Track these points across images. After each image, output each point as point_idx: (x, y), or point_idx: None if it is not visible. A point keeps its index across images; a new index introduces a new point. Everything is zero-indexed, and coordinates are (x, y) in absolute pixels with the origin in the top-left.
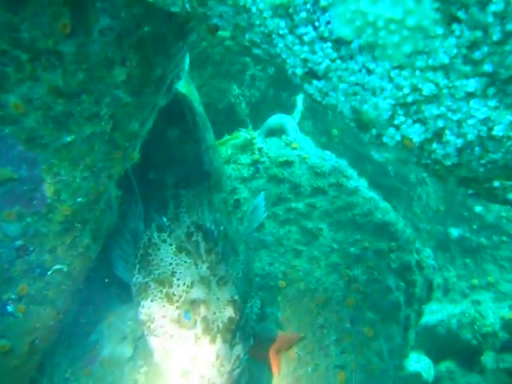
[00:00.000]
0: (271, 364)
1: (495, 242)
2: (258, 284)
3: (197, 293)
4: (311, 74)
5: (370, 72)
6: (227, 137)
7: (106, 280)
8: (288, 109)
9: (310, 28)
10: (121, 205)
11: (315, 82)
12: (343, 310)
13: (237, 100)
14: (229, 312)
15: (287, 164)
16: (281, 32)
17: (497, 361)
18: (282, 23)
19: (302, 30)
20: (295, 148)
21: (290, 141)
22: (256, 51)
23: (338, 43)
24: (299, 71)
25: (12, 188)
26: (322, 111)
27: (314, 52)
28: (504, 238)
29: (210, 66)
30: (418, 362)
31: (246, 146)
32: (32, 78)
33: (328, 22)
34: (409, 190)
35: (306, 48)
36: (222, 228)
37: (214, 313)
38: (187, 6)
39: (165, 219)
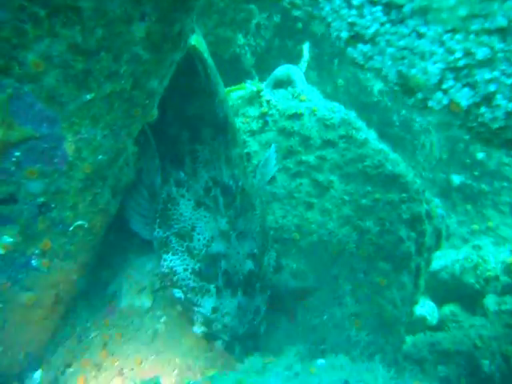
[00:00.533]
0: (288, 313)
1: (496, 188)
2: (273, 236)
3: (217, 247)
4: (357, 38)
5: (420, 36)
6: (232, 87)
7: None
8: (294, 58)
9: None
10: (137, 160)
11: (360, 45)
12: (356, 260)
13: (242, 50)
14: (249, 265)
15: (296, 116)
16: None
17: (499, 303)
18: None
19: None
20: (303, 100)
21: (297, 92)
22: (296, 13)
23: (389, 7)
24: (344, 35)
25: (33, 146)
26: (328, 61)
27: (362, 16)
28: (505, 184)
29: (215, 13)
30: (422, 307)
31: (254, 99)
32: (51, 34)
33: None
34: (413, 138)
35: (353, 12)
36: (240, 183)
37: (235, 266)
38: None
39: (182, 174)
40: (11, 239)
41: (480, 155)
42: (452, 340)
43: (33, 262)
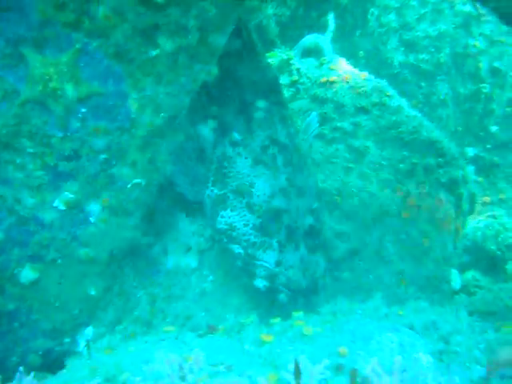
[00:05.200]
0: (333, 273)
1: (508, 161)
2: None
3: (278, 202)
4: None
5: None
6: None
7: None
8: (317, 28)
9: None
10: (186, 120)
11: None
12: (399, 222)
13: (269, 20)
14: (309, 220)
15: (328, 84)
16: None
17: None
18: None
19: None
20: (333, 68)
21: (327, 61)
22: None
23: None
24: None
25: (99, 103)
26: (349, 32)
27: None
28: None
29: None
30: None
31: (283, 67)
32: None
33: None
34: (430, 111)
35: None
36: (295, 141)
37: (296, 221)
38: None
39: (236, 134)
40: (72, 195)
41: (493, 128)
42: (483, 302)
43: (91, 218)
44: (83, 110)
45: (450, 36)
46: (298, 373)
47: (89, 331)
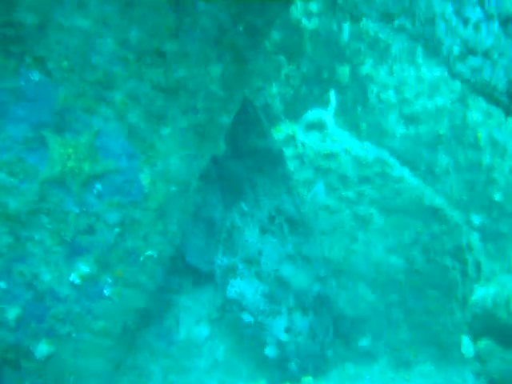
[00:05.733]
0: (343, 339)
1: None
2: None
3: (286, 270)
4: (469, 52)
5: None
6: None
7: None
8: (320, 104)
9: (477, 9)
10: (195, 193)
11: (470, 59)
12: (406, 289)
13: (273, 99)
14: (316, 287)
15: (332, 156)
16: (446, 16)
17: None
18: (449, 6)
19: (468, 11)
20: (336, 141)
21: (330, 134)
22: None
23: (507, 20)
24: (455, 50)
25: (113, 179)
26: (351, 107)
27: (477, 31)
28: None
29: None
30: None
31: (288, 141)
32: (137, 76)
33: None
34: (433, 180)
35: (469, 28)
36: (302, 210)
37: (304, 288)
38: None
39: (244, 204)
40: (87, 269)
41: (497, 196)
42: (498, 371)
43: (105, 291)
44: (98, 187)
45: (447, 110)
46: None
47: None
